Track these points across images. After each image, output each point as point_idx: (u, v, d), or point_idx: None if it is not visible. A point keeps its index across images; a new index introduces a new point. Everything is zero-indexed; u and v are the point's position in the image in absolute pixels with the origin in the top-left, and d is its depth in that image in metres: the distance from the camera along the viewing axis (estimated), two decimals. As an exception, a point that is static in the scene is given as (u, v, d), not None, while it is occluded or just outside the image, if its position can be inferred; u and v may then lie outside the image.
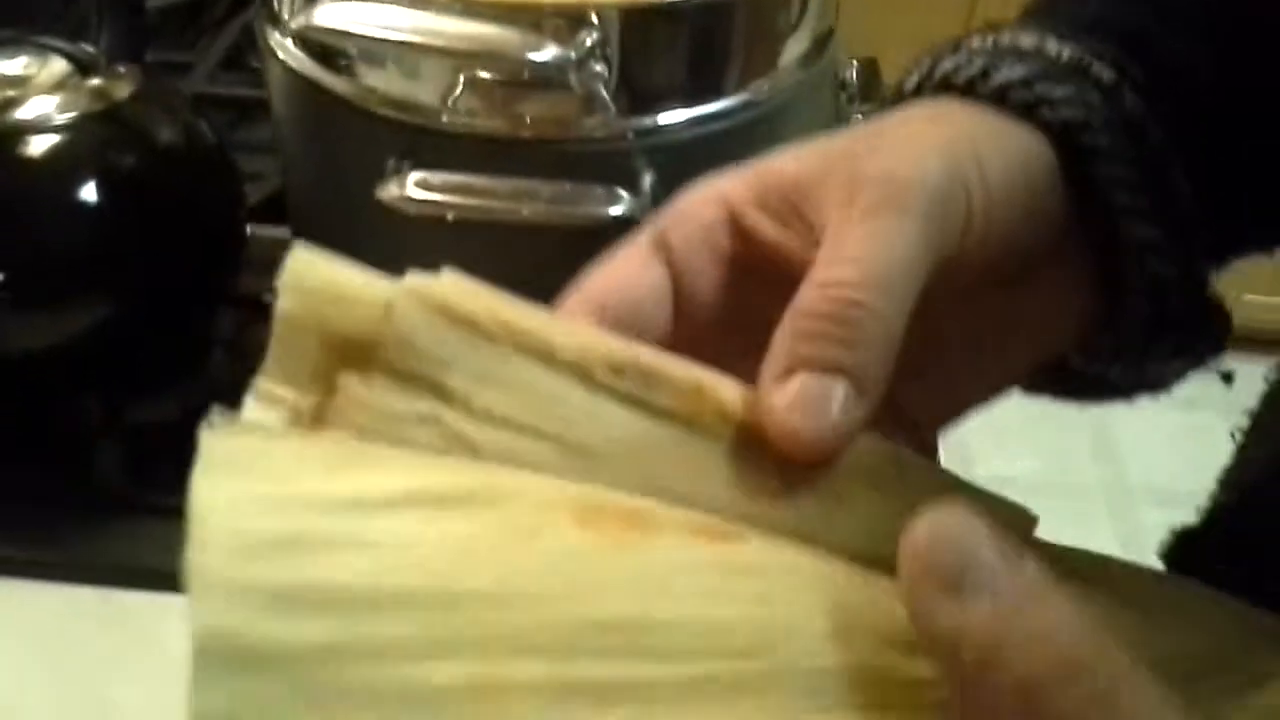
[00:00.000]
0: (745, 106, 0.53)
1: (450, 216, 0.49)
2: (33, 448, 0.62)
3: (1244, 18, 0.33)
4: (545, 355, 0.24)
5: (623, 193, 0.49)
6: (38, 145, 0.60)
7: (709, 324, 0.29)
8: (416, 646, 0.19)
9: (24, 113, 0.61)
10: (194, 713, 0.18)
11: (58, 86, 0.63)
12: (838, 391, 0.24)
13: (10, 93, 0.61)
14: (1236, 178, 0.34)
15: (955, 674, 0.20)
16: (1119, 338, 0.33)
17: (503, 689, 0.20)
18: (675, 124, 0.52)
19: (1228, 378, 0.39)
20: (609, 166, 0.50)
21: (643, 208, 0.49)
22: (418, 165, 0.50)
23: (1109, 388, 0.35)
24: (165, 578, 0.51)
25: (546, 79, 0.49)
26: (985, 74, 0.30)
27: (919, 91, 0.32)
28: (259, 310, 0.69)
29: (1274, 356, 0.47)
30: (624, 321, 0.27)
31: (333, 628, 0.19)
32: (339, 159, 0.54)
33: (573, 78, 0.48)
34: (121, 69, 0.65)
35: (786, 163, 0.29)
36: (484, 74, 0.49)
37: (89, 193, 0.60)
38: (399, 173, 0.49)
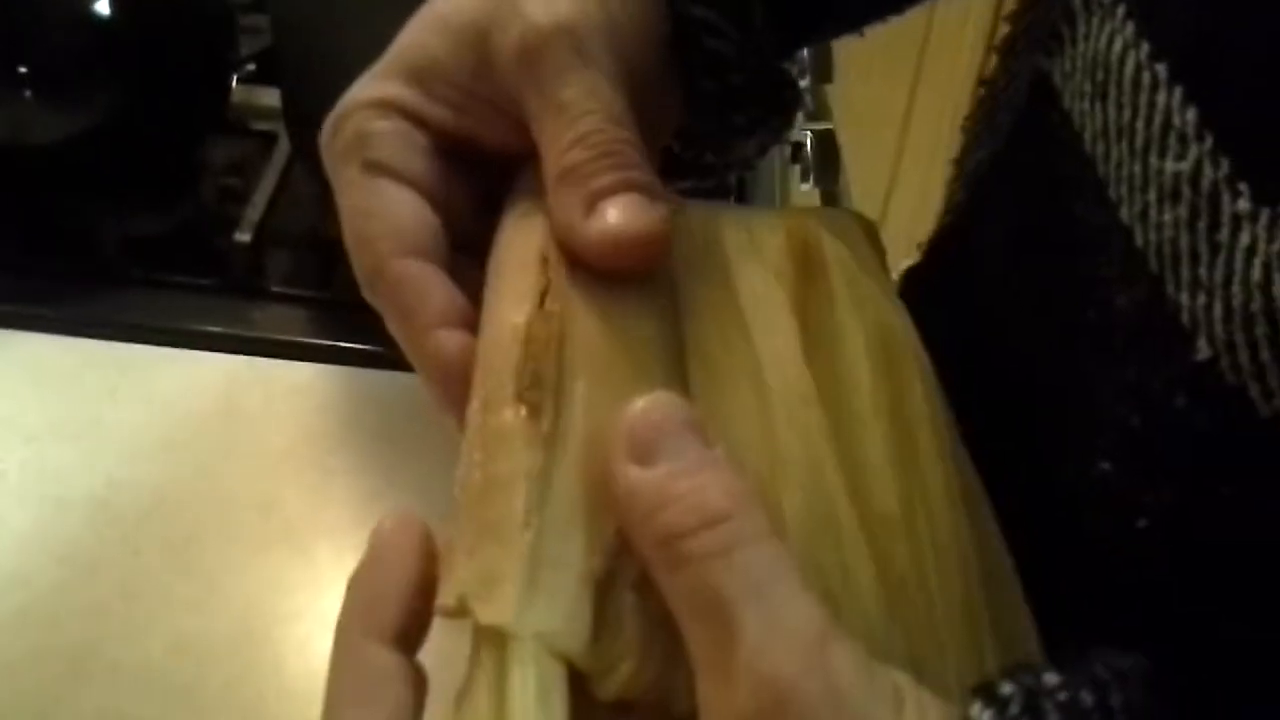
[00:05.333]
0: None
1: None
2: (45, 233, 0.71)
3: None
4: None
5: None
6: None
7: (456, 208, 0.31)
8: None
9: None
10: None
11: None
12: (644, 199, 0.28)
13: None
14: None
15: (629, 527, 0.23)
16: (699, 119, 0.35)
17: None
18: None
19: (798, 148, 0.41)
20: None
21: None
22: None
23: (709, 169, 0.37)
24: (152, 332, 0.61)
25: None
26: None
27: None
28: (245, 137, 0.77)
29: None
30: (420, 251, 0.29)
31: None
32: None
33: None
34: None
35: (431, 47, 0.30)
36: None
37: (101, 5, 0.68)
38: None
